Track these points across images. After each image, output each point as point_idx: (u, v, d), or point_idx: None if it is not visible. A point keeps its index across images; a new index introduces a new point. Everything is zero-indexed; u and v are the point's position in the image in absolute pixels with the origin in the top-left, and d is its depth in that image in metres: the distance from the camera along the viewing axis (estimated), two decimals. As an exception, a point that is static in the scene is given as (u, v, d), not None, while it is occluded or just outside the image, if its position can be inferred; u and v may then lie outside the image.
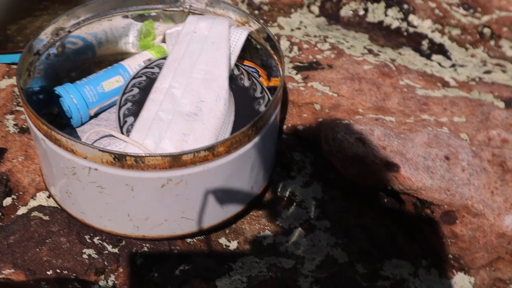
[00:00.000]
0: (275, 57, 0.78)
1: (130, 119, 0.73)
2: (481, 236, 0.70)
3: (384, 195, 0.80)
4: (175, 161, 0.60)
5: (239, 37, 0.78)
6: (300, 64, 0.93)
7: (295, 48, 0.97)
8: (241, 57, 0.83)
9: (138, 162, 0.60)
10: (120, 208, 0.65)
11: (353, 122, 0.76)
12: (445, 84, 0.93)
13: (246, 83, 0.79)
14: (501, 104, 0.88)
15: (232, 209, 0.71)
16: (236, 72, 0.80)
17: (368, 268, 0.74)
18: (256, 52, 0.82)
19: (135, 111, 0.73)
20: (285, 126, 0.84)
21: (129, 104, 0.74)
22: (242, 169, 0.67)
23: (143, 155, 0.59)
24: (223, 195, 0.68)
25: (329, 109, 0.83)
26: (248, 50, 0.83)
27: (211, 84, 0.74)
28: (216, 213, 0.70)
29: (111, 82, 0.79)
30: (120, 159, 0.60)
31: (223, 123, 0.72)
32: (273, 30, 1.05)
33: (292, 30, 1.05)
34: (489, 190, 0.71)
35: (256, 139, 0.66)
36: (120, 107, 0.74)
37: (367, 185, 0.76)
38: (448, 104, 0.84)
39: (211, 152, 0.62)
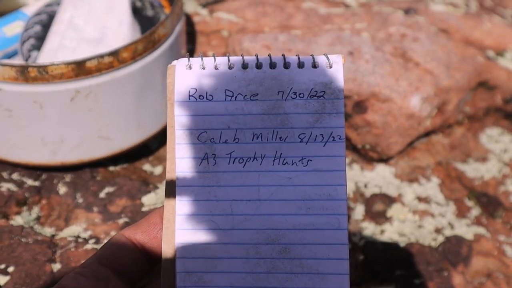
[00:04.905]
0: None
1: (34, 53, 0.72)
2: (392, 120, 0.74)
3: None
4: (80, 68, 0.60)
5: (136, -34, 0.79)
6: (206, 2, 0.95)
7: (199, -11, 0.99)
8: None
9: (42, 73, 0.59)
10: (32, 132, 0.64)
11: (258, 34, 0.78)
12: (347, 6, 0.97)
13: (150, 13, 0.80)
14: (401, 12, 0.93)
15: (151, 128, 0.72)
16: (138, 4, 0.81)
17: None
18: (156, -17, 0.83)
19: (39, 46, 0.73)
20: (196, 55, 0.86)
21: (32, 40, 0.73)
22: (153, 81, 0.68)
23: (46, 64, 0.59)
24: (138, 110, 0.68)
25: (236, 33, 0.85)
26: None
27: (113, 10, 0.74)
28: (134, 132, 0.70)
29: (11, 27, 0.78)
30: (23, 72, 0.59)
31: (129, 46, 0.72)
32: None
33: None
34: (393, 77, 0.75)
35: (163, 47, 0.67)
36: (22, 43, 0.73)
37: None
38: (350, 15, 0.88)
39: (116, 58, 0.62)
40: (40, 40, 0.73)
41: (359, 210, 0.72)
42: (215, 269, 0.36)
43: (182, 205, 0.36)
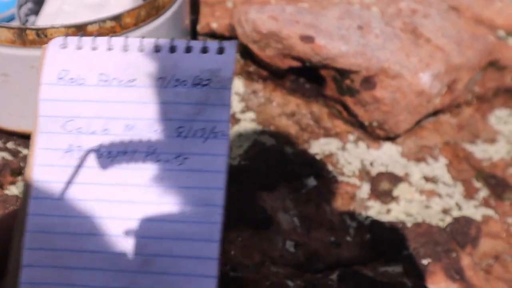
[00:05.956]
0: None
1: (32, 18, 0.69)
2: (401, 97, 0.71)
3: (306, 80, 0.79)
4: (81, 32, 0.58)
5: None
6: (209, -27, 0.92)
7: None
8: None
9: (41, 36, 0.57)
10: (29, 99, 0.62)
11: (265, 5, 0.76)
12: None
13: (153, -20, 0.77)
14: (409, -11, 0.90)
15: (151, 99, 0.69)
16: (141, -30, 0.78)
17: (296, 149, 0.73)
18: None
19: (37, 10, 0.70)
20: (199, 27, 0.83)
21: (29, 4, 0.71)
22: (155, 49, 0.65)
23: (45, 27, 0.56)
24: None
25: (241, 4, 0.82)
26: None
27: (115, -24, 0.71)
28: (135, 103, 0.67)
29: (9, -9, 0.75)
30: (20, 35, 0.56)
31: (131, 13, 0.70)
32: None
33: None
34: (404, 53, 0.72)
35: (167, 15, 0.64)
36: (19, 7, 0.70)
37: (287, 68, 0.75)
38: (358, -10, 0.85)
39: (118, 23, 0.59)
40: (38, 4, 0.71)
41: (364, 189, 0.70)
42: (66, 281, 0.31)
43: (36, 204, 0.32)
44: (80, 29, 0.57)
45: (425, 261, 0.62)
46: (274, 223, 0.64)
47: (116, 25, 0.59)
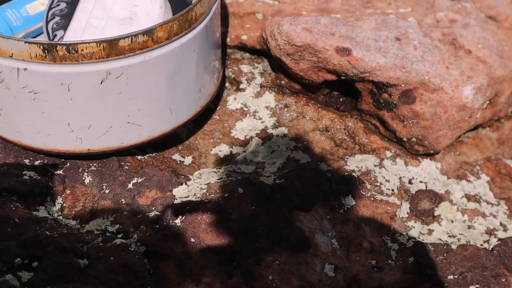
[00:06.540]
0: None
1: (60, 33, 0.67)
2: (442, 111, 0.68)
3: (340, 94, 0.77)
4: (112, 47, 0.55)
5: None
6: (237, -17, 0.89)
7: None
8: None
9: (71, 52, 0.54)
10: (58, 117, 0.59)
11: (298, 17, 0.73)
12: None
13: (182, -8, 0.75)
14: (444, -1, 0.87)
15: (183, 115, 0.67)
16: (169, -18, 0.75)
17: (331, 166, 0.70)
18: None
19: (65, 25, 0.68)
20: (228, 39, 0.80)
21: (57, 18, 0.68)
22: (187, 64, 0.63)
23: (76, 42, 0.54)
24: (170, 96, 0.63)
25: (271, 16, 0.80)
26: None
27: (144, -12, 0.69)
28: (166, 119, 0.65)
29: (35, 5, 0.73)
30: (50, 51, 0.54)
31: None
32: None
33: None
34: (444, 65, 0.69)
35: (199, 28, 0.62)
36: (47, 22, 0.68)
37: (321, 81, 0.72)
38: (392, 0, 0.82)
39: (150, 36, 0.57)
40: (65, 18, 0.69)
41: (404, 208, 0.67)
42: None
43: None
44: (111, 44, 0.55)
45: (473, 287, 0.58)
46: (312, 245, 0.61)
47: (148, 39, 0.57)
